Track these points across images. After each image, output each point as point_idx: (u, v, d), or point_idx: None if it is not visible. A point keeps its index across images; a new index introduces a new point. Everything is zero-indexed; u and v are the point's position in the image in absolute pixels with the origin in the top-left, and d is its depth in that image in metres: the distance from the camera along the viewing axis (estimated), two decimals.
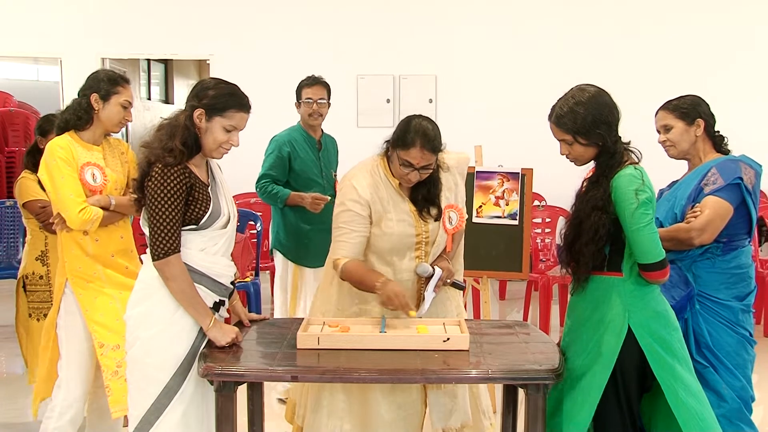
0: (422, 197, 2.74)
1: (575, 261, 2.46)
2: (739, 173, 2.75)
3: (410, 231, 2.72)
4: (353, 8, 7.42)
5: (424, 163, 2.62)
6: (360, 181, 2.72)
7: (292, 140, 4.06)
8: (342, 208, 2.72)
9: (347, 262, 2.67)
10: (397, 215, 2.72)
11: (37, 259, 3.86)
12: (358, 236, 2.70)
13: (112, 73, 3.09)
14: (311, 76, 4.12)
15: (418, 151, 2.59)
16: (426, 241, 2.76)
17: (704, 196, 2.75)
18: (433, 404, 2.78)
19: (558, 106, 2.45)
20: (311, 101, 4.04)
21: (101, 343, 2.94)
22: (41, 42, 7.68)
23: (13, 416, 3.88)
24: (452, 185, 2.83)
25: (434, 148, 2.62)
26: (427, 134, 2.60)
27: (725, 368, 2.74)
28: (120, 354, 2.89)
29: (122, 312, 2.84)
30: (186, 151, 2.43)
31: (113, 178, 3.03)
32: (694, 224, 2.71)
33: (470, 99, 7.33)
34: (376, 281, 2.60)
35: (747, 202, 2.76)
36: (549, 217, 6.13)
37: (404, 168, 2.64)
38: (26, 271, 3.87)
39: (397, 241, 2.72)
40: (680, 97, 2.93)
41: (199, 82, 2.55)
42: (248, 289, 5.06)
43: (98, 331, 2.94)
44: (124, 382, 2.80)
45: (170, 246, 2.39)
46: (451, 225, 2.81)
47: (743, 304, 2.80)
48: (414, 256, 2.76)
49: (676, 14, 7.20)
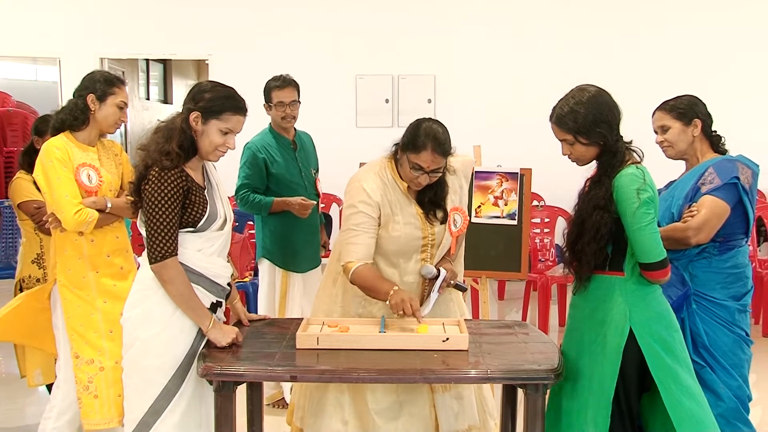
0: (429, 200, 2.74)
1: (577, 260, 2.47)
2: (736, 173, 2.75)
3: (417, 234, 2.73)
4: (352, 8, 7.42)
5: (434, 167, 2.62)
6: (369, 184, 2.70)
7: (265, 145, 3.90)
8: (353, 210, 2.69)
9: (359, 266, 2.64)
10: (404, 218, 2.72)
11: (33, 261, 3.83)
12: (370, 238, 2.68)
13: (108, 74, 3.09)
14: (280, 77, 3.91)
15: (429, 155, 2.59)
16: (432, 244, 2.76)
17: (701, 196, 2.75)
18: (440, 407, 2.76)
19: (559, 107, 2.46)
20: (283, 104, 3.88)
21: (77, 354, 2.93)
22: (40, 42, 7.68)
23: (13, 417, 3.88)
24: (457, 188, 2.84)
25: (445, 151, 2.62)
26: (438, 138, 2.59)
27: (722, 368, 2.74)
28: (93, 369, 2.90)
29: (104, 325, 2.91)
30: (182, 154, 2.43)
31: (108, 179, 3.02)
32: (691, 224, 2.71)
33: (469, 99, 7.34)
34: (389, 290, 2.59)
35: (744, 202, 2.76)
36: (548, 217, 6.13)
37: (414, 171, 2.63)
38: (23, 274, 3.83)
39: (404, 243, 2.72)
40: (677, 98, 2.93)
41: (195, 85, 2.55)
42: (247, 290, 5.06)
43: (76, 340, 2.93)
44: (94, 399, 2.88)
45: (167, 249, 2.39)
46: (456, 228, 2.82)
47: (740, 303, 2.80)
48: (420, 259, 2.76)
49: (676, 14, 7.21)
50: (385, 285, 2.62)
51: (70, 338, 2.95)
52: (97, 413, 2.90)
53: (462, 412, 2.80)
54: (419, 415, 2.73)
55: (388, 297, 2.57)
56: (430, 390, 2.75)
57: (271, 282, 4.01)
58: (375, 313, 2.78)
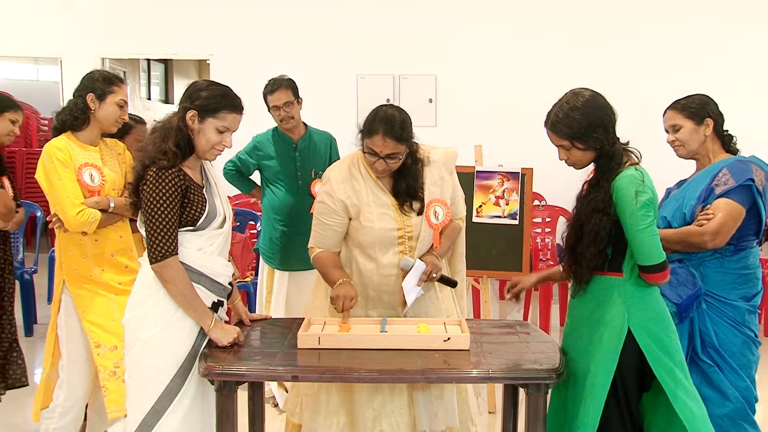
0: (404, 191, 2.73)
1: (577, 263, 2.46)
2: (750, 174, 2.73)
3: (391, 225, 2.71)
4: (353, 8, 7.42)
5: (387, 152, 2.60)
6: (336, 174, 2.75)
7: (264, 142, 4.02)
8: (318, 199, 2.80)
9: (319, 252, 2.79)
10: (378, 209, 2.71)
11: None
12: (329, 229, 2.76)
13: (107, 73, 3.10)
14: (271, 81, 3.95)
15: (380, 139, 2.58)
16: (409, 236, 2.74)
17: (715, 197, 2.73)
18: (418, 405, 2.75)
19: (553, 113, 2.45)
20: (278, 108, 3.92)
21: (98, 344, 2.93)
22: (41, 42, 7.69)
23: (15, 418, 3.88)
24: (437, 179, 2.80)
25: (398, 136, 2.58)
26: (391, 122, 2.58)
27: (730, 368, 2.74)
28: (117, 355, 2.89)
29: (118, 312, 2.86)
30: (179, 153, 2.44)
31: (111, 178, 3.03)
32: (708, 228, 2.69)
33: (470, 99, 7.33)
34: (336, 280, 2.67)
35: (758, 204, 2.75)
36: (549, 216, 6.13)
37: (370, 157, 2.64)
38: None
39: (378, 235, 2.71)
40: (688, 96, 2.91)
41: (191, 84, 2.55)
42: (248, 289, 5.05)
43: (94, 331, 2.94)
44: (122, 383, 2.81)
45: (167, 249, 2.39)
46: (437, 220, 2.78)
47: (750, 304, 2.80)
48: (398, 251, 2.74)
49: (677, 14, 7.19)
50: (336, 274, 2.70)
51: (87, 332, 2.95)
52: (124, 398, 2.88)
53: (442, 413, 2.77)
54: (397, 411, 2.71)
55: (334, 287, 2.65)
56: (411, 387, 2.73)
57: (261, 278, 4.13)
58: (369, 314, 2.78)
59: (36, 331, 5.36)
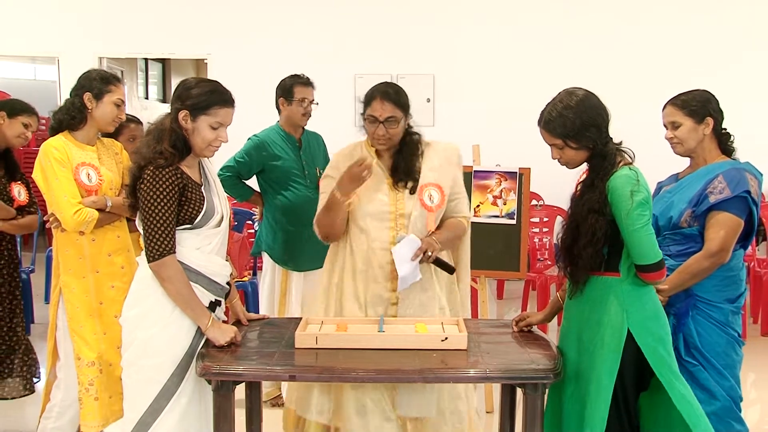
0: (401, 169, 2.83)
1: (573, 264, 2.46)
2: (746, 186, 2.70)
3: (384, 200, 2.80)
4: (352, 7, 7.43)
5: (386, 115, 2.73)
6: (342, 153, 2.91)
7: (270, 142, 3.93)
8: (324, 174, 2.93)
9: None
10: (374, 184, 2.79)
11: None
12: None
13: (104, 72, 3.09)
14: (304, 76, 3.96)
15: (379, 102, 2.73)
16: (401, 214, 2.79)
17: (708, 204, 2.71)
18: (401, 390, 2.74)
19: (547, 112, 2.45)
20: (306, 102, 3.92)
21: (78, 356, 2.94)
22: (38, 41, 7.68)
23: (14, 418, 3.87)
24: (435, 165, 2.85)
25: (394, 99, 2.75)
26: (386, 88, 2.78)
27: (714, 368, 2.74)
28: (93, 372, 2.92)
29: (99, 327, 2.93)
30: (177, 153, 2.44)
31: (108, 177, 3.02)
32: (711, 249, 2.69)
33: (468, 98, 7.34)
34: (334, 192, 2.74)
35: (753, 213, 2.75)
36: (547, 216, 6.13)
37: (370, 125, 2.77)
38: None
39: (370, 208, 2.79)
40: (689, 92, 2.86)
41: (180, 84, 2.54)
42: (246, 289, 5.05)
43: (77, 342, 2.95)
44: (95, 401, 2.89)
45: (165, 247, 2.39)
46: (432, 203, 2.81)
47: (734, 306, 2.80)
48: (389, 227, 2.79)
49: (678, 14, 7.20)
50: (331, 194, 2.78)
51: (72, 340, 2.96)
52: (96, 415, 2.91)
53: (419, 400, 2.74)
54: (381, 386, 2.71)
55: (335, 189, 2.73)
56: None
57: (271, 278, 4.02)
58: (372, 315, 2.78)
59: (33, 331, 5.34)
